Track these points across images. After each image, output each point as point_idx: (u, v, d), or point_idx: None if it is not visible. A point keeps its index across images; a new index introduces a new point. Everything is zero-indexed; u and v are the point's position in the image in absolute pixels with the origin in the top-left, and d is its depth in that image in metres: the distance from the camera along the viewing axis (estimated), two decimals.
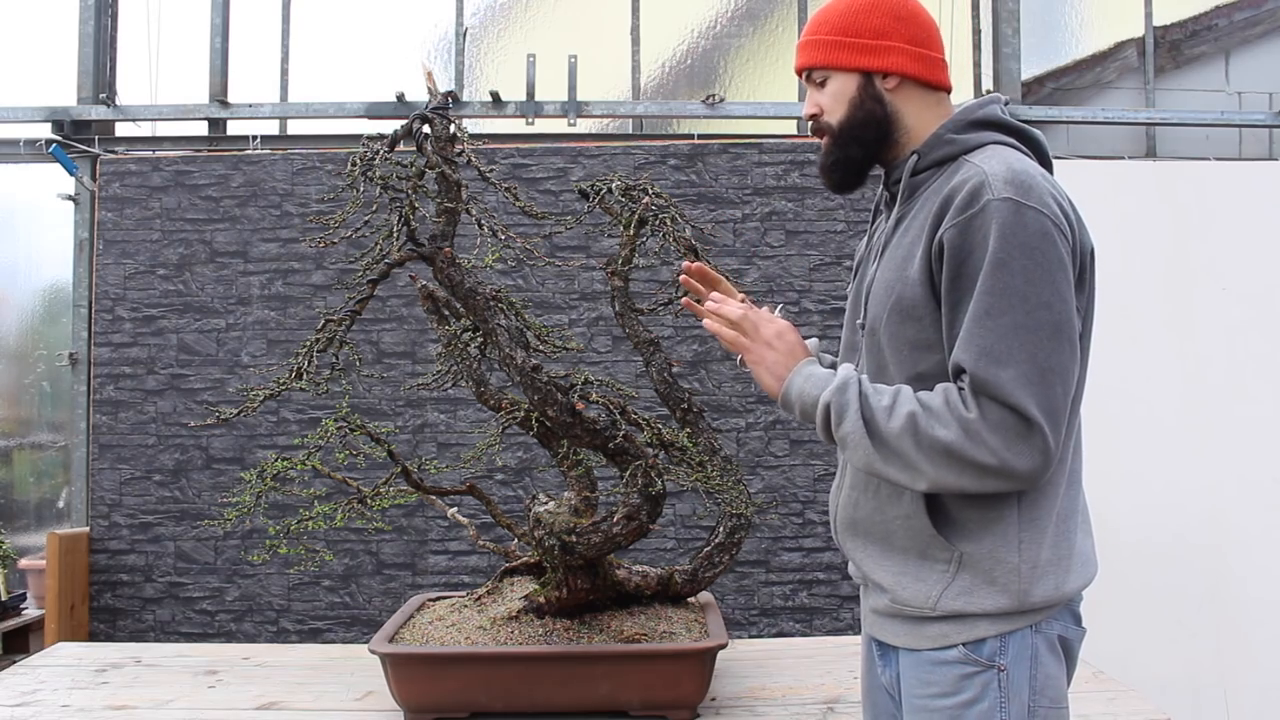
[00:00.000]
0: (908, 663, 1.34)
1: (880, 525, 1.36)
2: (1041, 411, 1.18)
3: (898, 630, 1.35)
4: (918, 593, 1.31)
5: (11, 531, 3.95)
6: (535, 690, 1.86)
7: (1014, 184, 1.23)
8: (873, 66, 1.38)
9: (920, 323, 1.29)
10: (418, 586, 3.69)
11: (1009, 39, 4.05)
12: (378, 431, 2.02)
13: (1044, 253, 1.21)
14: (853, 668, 2.17)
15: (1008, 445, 1.18)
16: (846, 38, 1.39)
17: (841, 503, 1.44)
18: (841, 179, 1.44)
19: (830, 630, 3.67)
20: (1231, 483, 3.70)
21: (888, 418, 1.25)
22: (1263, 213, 3.82)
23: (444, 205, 1.90)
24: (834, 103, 1.40)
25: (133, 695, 2.05)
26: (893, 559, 1.35)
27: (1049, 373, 1.19)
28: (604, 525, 1.92)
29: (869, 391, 1.28)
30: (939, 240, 1.26)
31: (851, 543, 1.42)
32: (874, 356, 1.38)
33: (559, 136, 3.98)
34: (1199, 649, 3.61)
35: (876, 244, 1.44)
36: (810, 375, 1.34)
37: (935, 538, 1.29)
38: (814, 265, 3.80)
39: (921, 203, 1.35)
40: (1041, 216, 1.21)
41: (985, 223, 1.21)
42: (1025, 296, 1.19)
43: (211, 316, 3.82)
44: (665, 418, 2.31)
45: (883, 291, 1.35)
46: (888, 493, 1.35)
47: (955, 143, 1.35)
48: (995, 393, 1.19)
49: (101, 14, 4.06)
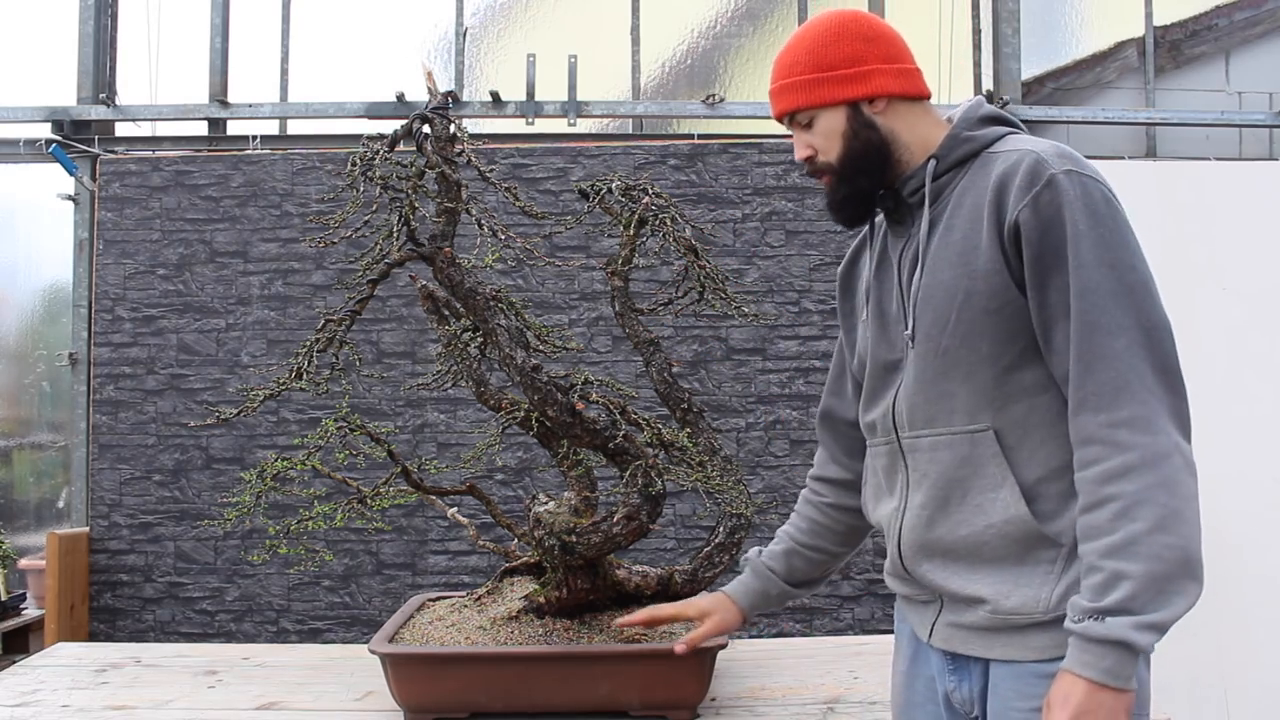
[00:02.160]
0: (1005, 675, 1.27)
1: (964, 540, 1.30)
2: (1165, 384, 1.18)
3: (993, 642, 1.29)
4: (1027, 598, 1.25)
5: (11, 531, 3.95)
6: (535, 690, 1.86)
7: (1067, 157, 1.24)
8: (858, 95, 1.35)
9: (1001, 313, 1.26)
10: (418, 586, 3.69)
11: (1009, 39, 4.05)
12: (378, 431, 2.01)
13: (1113, 217, 1.22)
14: (853, 668, 2.17)
15: (1179, 430, 1.18)
16: (822, 73, 1.35)
17: (907, 524, 1.36)
18: (854, 213, 1.41)
19: (830, 630, 3.67)
20: (1231, 483, 3.70)
21: (1141, 537, 1.14)
22: (1263, 213, 3.82)
23: (444, 205, 1.90)
24: (827, 141, 1.37)
25: (133, 695, 2.05)
26: (983, 571, 1.29)
27: (1158, 330, 1.20)
28: (604, 525, 1.92)
29: (1101, 558, 1.16)
30: (1013, 223, 1.24)
31: (928, 564, 1.35)
32: (931, 364, 1.32)
33: (559, 136, 3.98)
34: (1199, 649, 3.61)
35: (904, 259, 1.39)
36: (1108, 670, 1.14)
37: (1041, 536, 1.24)
38: (814, 265, 3.80)
39: (956, 200, 1.32)
40: (1099, 184, 1.23)
41: (1056, 196, 1.21)
42: (1113, 263, 1.20)
43: (211, 316, 3.82)
44: (665, 418, 2.31)
45: (943, 295, 1.30)
46: (977, 503, 1.29)
47: (974, 139, 1.34)
48: (1132, 395, 1.18)
49: (101, 14, 4.06)
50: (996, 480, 1.27)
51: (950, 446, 1.30)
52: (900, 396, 1.37)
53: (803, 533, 1.66)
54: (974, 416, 1.29)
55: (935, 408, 1.32)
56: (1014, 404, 1.27)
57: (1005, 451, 1.27)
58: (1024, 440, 1.27)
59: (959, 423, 1.30)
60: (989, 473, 1.28)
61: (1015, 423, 1.27)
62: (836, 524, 1.64)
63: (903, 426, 1.37)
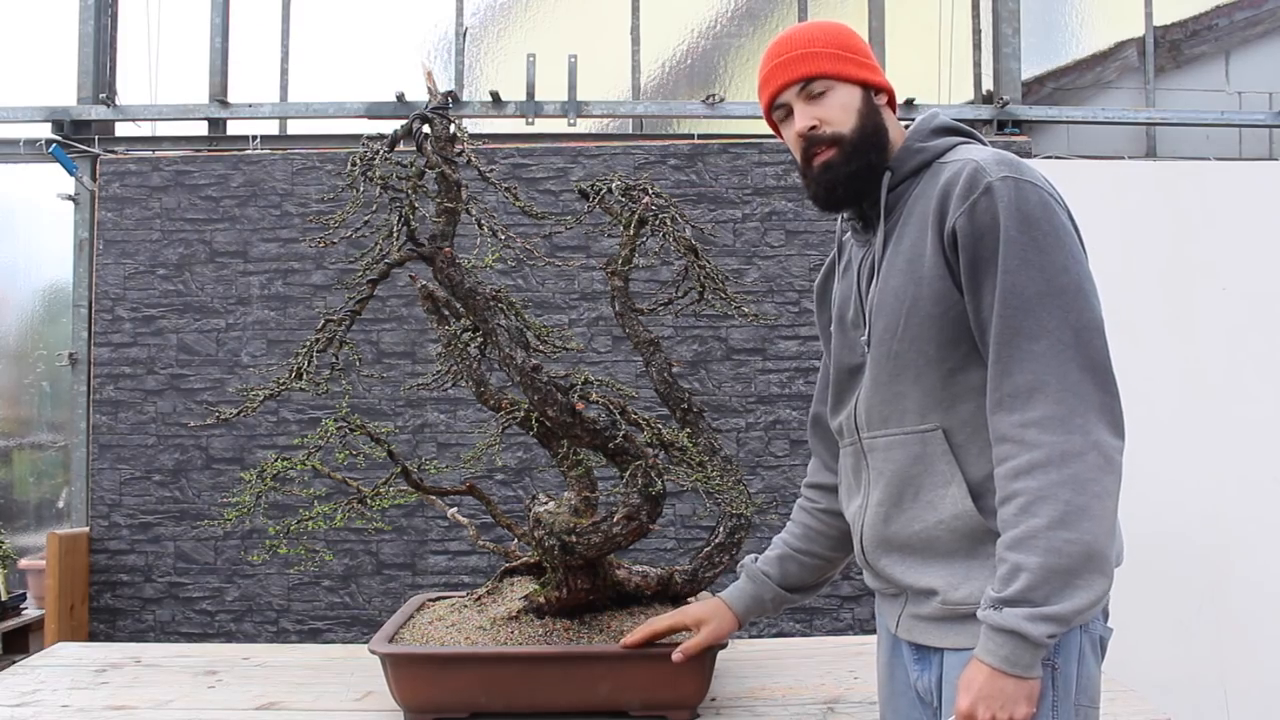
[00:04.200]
0: (955, 663, 1.32)
1: (918, 535, 1.35)
2: (1097, 382, 1.21)
3: (946, 632, 1.34)
4: (974, 590, 1.29)
5: (11, 531, 3.95)
6: (535, 690, 1.86)
7: (1006, 164, 1.28)
8: (872, 82, 1.43)
9: (945, 318, 1.31)
10: (418, 586, 3.69)
11: (1009, 39, 4.05)
12: (378, 431, 2.01)
13: (1048, 220, 1.24)
14: (853, 668, 2.17)
15: (1108, 426, 1.21)
16: (845, 53, 1.41)
17: (868, 520, 1.42)
18: (858, 189, 1.42)
19: (830, 630, 3.67)
20: (1232, 482, 3.70)
21: (1044, 529, 1.17)
22: (1263, 213, 3.82)
23: (444, 205, 1.90)
24: (843, 113, 1.40)
25: (133, 695, 2.04)
26: (936, 565, 1.33)
27: (1083, 330, 1.22)
28: (604, 525, 1.92)
29: (1005, 550, 1.20)
30: (950, 230, 1.28)
31: (885, 559, 1.40)
32: (884, 367, 1.37)
33: (559, 136, 3.98)
34: (1199, 649, 3.61)
35: (863, 268, 1.45)
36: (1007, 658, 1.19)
37: (989, 530, 1.28)
38: (814, 265, 3.80)
39: (907, 211, 1.38)
40: (1038, 189, 1.26)
41: (991, 203, 1.25)
42: (1043, 265, 1.22)
43: (211, 316, 3.82)
44: (665, 418, 2.31)
45: (893, 300, 1.36)
46: (928, 499, 1.34)
47: (925, 150, 1.39)
48: (1050, 391, 1.20)
49: (101, 14, 4.06)
50: (946, 477, 1.32)
51: (903, 445, 1.36)
52: (860, 399, 1.43)
53: (797, 538, 1.70)
54: (924, 416, 1.34)
55: (889, 409, 1.38)
56: (961, 404, 1.32)
57: (954, 450, 1.32)
58: (972, 439, 1.31)
59: (910, 423, 1.35)
60: (939, 470, 1.33)
61: (963, 422, 1.32)
62: (829, 529, 1.68)
63: (863, 427, 1.43)
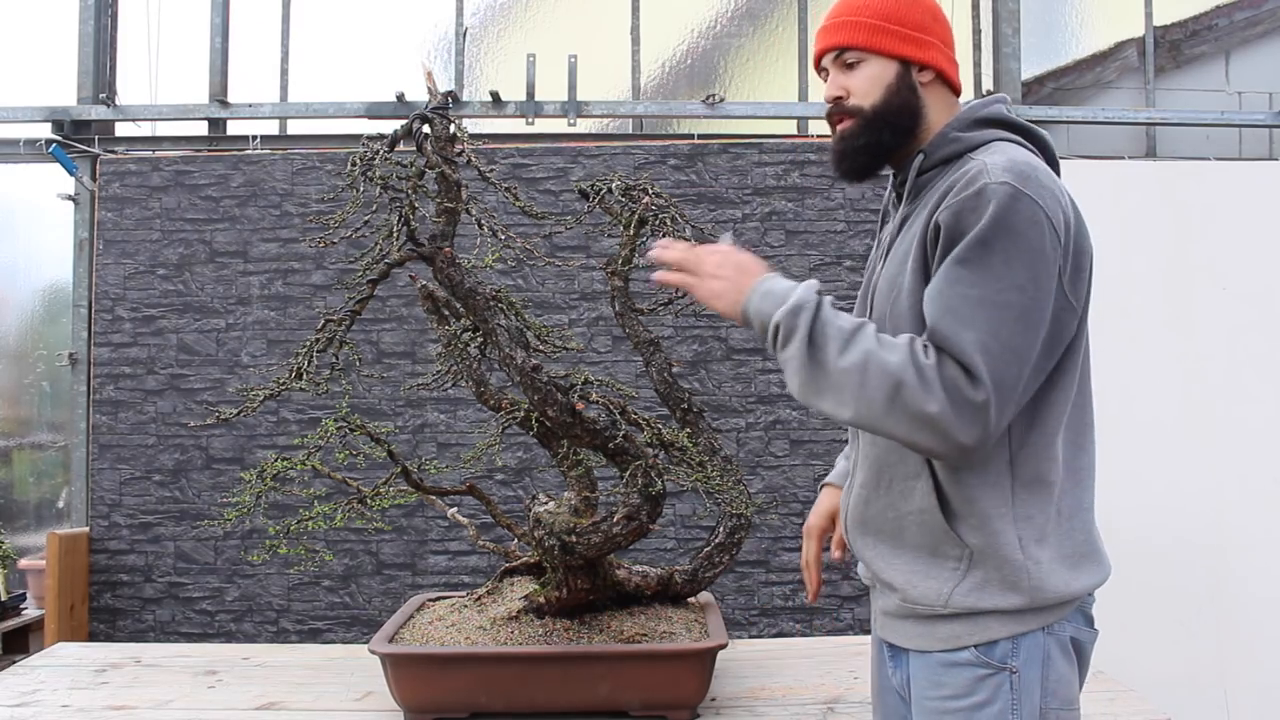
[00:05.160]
0: (919, 665, 1.33)
1: (891, 522, 1.35)
2: (992, 382, 1.17)
3: (909, 632, 1.35)
4: (929, 590, 1.30)
5: (11, 531, 3.95)
6: (535, 690, 1.86)
7: (1012, 171, 1.23)
8: (914, 57, 1.39)
9: (919, 311, 1.28)
10: (418, 586, 3.69)
11: (1009, 39, 4.05)
12: (378, 431, 2.01)
13: (1029, 239, 1.20)
14: (853, 668, 2.17)
15: (952, 402, 1.17)
16: (890, 24, 1.38)
17: (852, 501, 1.44)
18: (865, 164, 1.42)
19: (830, 630, 3.67)
20: (1232, 483, 3.70)
21: (841, 350, 1.22)
22: (1263, 213, 3.82)
23: (444, 205, 1.90)
24: (870, 86, 1.39)
25: (133, 695, 2.05)
26: (903, 556, 1.34)
27: (1008, 351, 1.18)
28: (604, 525, 1.92)
29: (828, 318, 1.25)
30: (934, 223, 1.26)
31: (861, 541, 1.41)
32: None
33: (559, 136, 3.98)
34: (1199, 649, 3.61)
35: (883, 246, 1.45)
36: (768, 293, 1.30)
37: (948, 533, 1.28)
38: (814, 265, 3.80)
39: (924, 199, 1.36)
40: (1035, 205, 1.21)
41: (979, 204, 1.21)
42: (999, 275, 1.19)
43: (211, 316, 3.82)
44: (665, 418, 2.31)
45: (886, 289, 1.36)
46: (901, 489, 1.34)
47: (960, 140, 1.35)
48: (953, 349, 1.18)
49: (101, 14, 4.05)
50: (916, 469, 1.32)
51: None
52: None
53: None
54: None
55: None
56: None
57: None
58: None
59: None
60: (911, 460, 1.33)
61: None
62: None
63: None
